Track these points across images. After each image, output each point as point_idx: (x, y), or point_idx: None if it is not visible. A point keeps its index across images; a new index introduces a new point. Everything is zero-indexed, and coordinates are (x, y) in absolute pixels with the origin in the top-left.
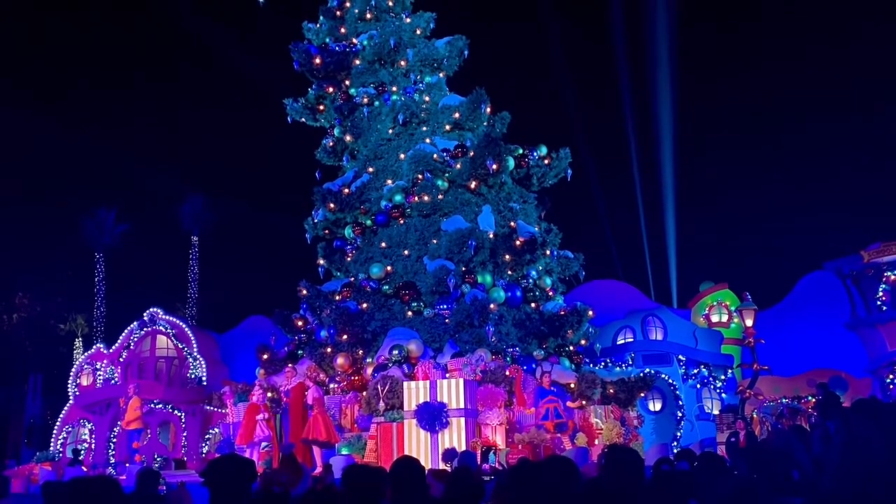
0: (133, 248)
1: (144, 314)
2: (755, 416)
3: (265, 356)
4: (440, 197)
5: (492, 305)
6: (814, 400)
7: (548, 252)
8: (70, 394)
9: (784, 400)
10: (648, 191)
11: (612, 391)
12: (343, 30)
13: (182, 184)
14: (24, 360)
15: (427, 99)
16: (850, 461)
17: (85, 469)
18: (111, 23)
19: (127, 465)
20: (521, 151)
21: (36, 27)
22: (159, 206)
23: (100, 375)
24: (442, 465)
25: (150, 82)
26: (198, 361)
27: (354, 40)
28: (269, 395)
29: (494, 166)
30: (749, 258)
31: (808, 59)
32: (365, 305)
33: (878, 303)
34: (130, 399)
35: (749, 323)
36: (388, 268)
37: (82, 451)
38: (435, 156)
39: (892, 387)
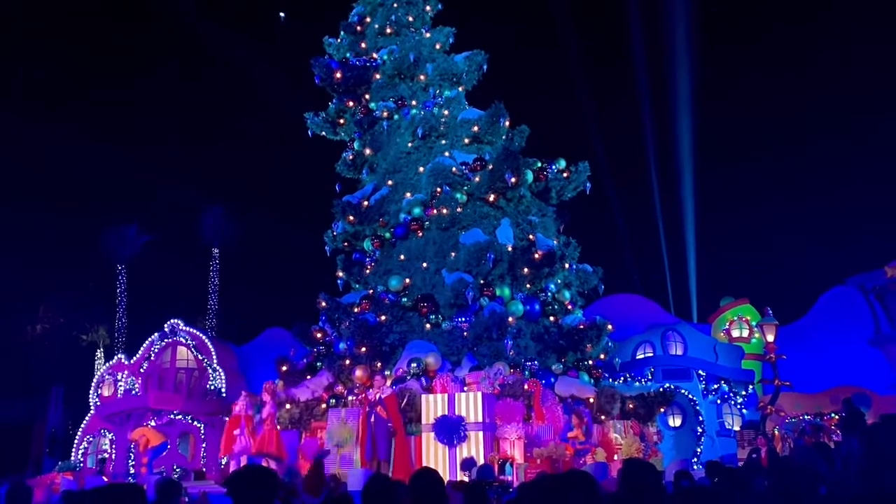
0: (155, 260)
1: (165, 326)
2: (777, 432)
3: (284, 368)
4: (459, 210)
5: (510, 319)
6: (836, 417)
7: (566, 265)
8: (91, 404)
9: (806, 417)
10: (668, 204)
11: (631, 406)
12: (363, 45)
13: (203, 197)
14: (47, 370)
15: (446, 113)
16: (873, 477)
17: (105, 479)
18: (132, 36)
19: (144, 471)
20: (539, 165)
21: (61, 42)
22: (181, 218)
23: (121, 386)
24: (460, 475)
25: (172, 97)
26: (217, 373)
27: (375, 55)
28: (288, 406)
29: (513, 179)
30: (770, 273)
31: (830, 73)
32: (383, 318)
33: None
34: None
35: (770, 338)
36: (407, 280)
37: (104, 461)
38: (454, 169)
39: None
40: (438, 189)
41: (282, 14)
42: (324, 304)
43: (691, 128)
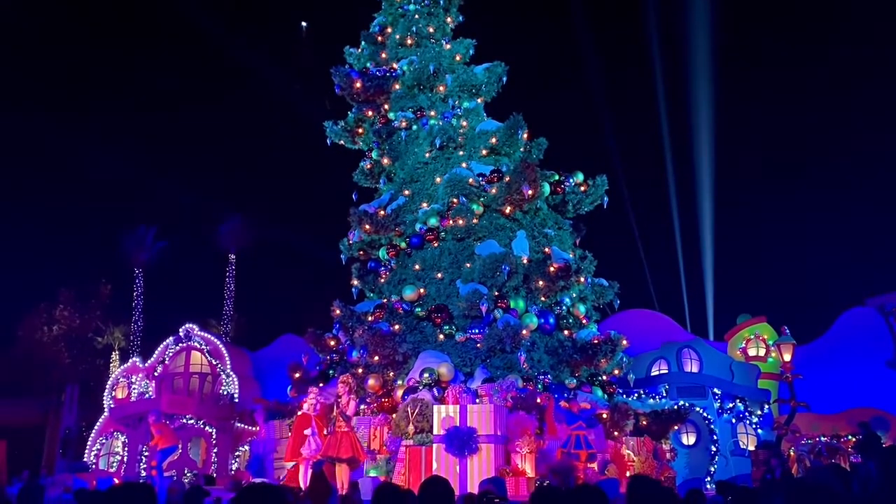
0: (172, 265)
1: (180, 330)
2: (792, 453)
3: (297, 375)
4: (475, 221)
5: (524, 331)
6: (854, 439)
7: (582, 279)
8: (105, 406)
9: (822, 438)
10: (686, 220)
11: (644, 423)
12: (384, 55)
13: (222, 203)
14: (62, 371)
15: (464, 124)
16: (890, 501)
17: (116, 481)
18: (152, 43)
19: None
20: (557, 178)
21: (84, 51)
22: (199, 224)
23: (135, 389)
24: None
25: (193, 105)
26: (230, 378)
27: (395, 65)
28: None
29: (530, 192)
30: (788, 291)
31: (849, 94)
32: (397, 327)
33: None
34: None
35: (787, 358)
36: (421, 290)
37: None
38: (471, 180)
39: None
40: (455, 200)
41: (304, 24)
42: (338, 311)
43: (711, 144)
